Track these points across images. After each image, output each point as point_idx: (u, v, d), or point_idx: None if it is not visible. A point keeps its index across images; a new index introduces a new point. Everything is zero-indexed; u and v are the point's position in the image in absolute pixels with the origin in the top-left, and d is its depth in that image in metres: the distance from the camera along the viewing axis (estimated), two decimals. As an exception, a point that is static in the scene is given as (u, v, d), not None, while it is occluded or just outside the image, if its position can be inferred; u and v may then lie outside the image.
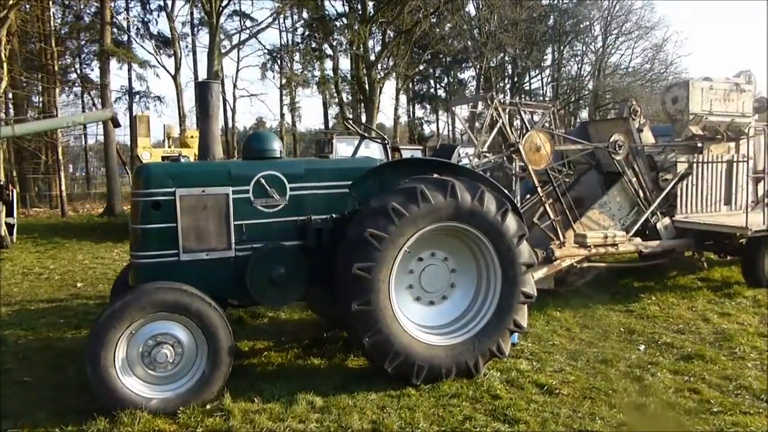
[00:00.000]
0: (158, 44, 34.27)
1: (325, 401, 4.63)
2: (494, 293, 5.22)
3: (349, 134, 29.01)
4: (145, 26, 34.72)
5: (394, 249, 4.83)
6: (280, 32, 34.73)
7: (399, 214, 4.78)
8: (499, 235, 5.11)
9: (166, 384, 4.52)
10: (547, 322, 6.81)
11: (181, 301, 4.46)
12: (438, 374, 4.96)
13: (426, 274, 5.25)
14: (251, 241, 5.06)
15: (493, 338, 5.13)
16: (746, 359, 5.54)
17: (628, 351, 5.79)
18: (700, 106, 8.37)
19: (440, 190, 4.91)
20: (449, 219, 4.98)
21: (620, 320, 6.87)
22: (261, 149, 5.40)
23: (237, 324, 7.01)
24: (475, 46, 36.20)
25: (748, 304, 7.47)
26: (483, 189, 5.04)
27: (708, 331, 6.43)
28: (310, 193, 5.28)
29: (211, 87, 5.72)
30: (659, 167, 8.62)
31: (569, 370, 5.28)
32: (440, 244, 5.27)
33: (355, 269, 4.70)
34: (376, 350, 4.84)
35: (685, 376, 5.13)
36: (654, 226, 8.30)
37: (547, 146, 7.40)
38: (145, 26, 34.72)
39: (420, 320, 5.22)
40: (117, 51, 22.80)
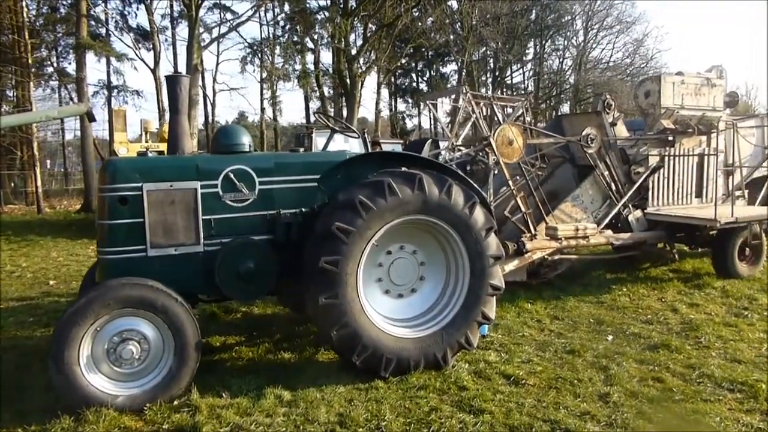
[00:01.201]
0: (137, 37, 33.94)
1: (293, 395, 4.64)
2: (462, 286, 5.25)
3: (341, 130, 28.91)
4: (124, 19, 34.35)
5: (362, 242, 4.85)
6: (260, 25, 34.42)
7: (366, 208, 4.79)
8: (466, 228, 5.14)
9: (133, 381, 4.49)
10: (518, 313, 6.88)
11: (146, 297, 4.43)
12: (406, 367, 4.99)
13: (395, 267, 5.27)
14: (220, 235, 5.04)
15: (462, 330, 5.17)
16: (711, 348, 5.64)
17: (596, 341, 5.87)
18: (671, 100, 8.47)
19: (408, 184, 4.93)
20: (417, 212, 5.00)
21: (590, 311, 6.95)
22: (229, 143, 5.37)
23: (210, 319, 7.01)
24: (457, 39, 36.23)
25: (717, 295, 7.60)
26: (450, 182, 5.06)
27: (676, 321, 6.53)
28: (280, 187, 5.26)
29: (180, 80, 5.65)
30: (631, 160, 8.71)
31: (537, 360, 5.34)
32: (409, 237, 5.29)
33: (322, 263, 4.71)
34: (344, 344, 4.86)
35: (650, 365, 5.21)
36: (626, 219, 8.39)
37: (519, 140, 7.45)
38: (124, 19, 34.35)
39: (389, 313, 5.24)
40: (93, 44, 22.47)
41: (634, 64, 40.39)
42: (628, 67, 40.71)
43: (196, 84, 25.91)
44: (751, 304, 7.13)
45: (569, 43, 42.89)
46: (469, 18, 33.72)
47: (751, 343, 5.79)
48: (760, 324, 6.38)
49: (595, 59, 41.82)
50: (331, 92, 39.48)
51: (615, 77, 39.12)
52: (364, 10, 31.81)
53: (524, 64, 43.11)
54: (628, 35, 40.96)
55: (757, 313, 6.79)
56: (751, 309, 6.93)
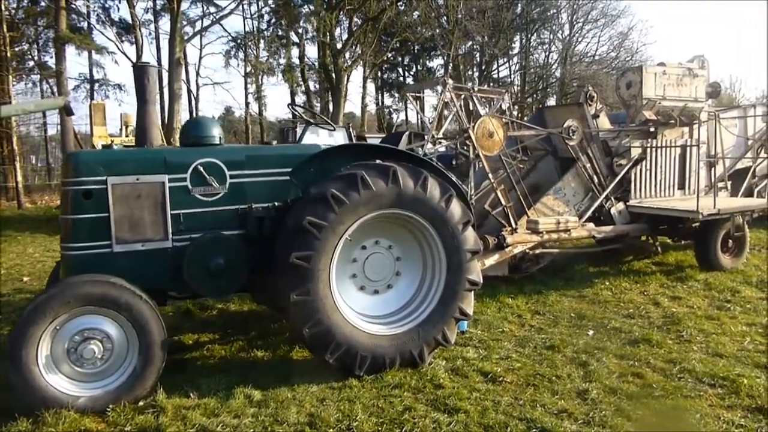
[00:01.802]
0: (119, 31, 33.49)
1: (264, 395, 4.49)
2: (439, 281, 5.13)
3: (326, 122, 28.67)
4: (106, 12, 33.88)
5: (335, 237, 4.70)
6: (244, 19, 34.02)
7: (339, 202, 4.64)
8: (443, 222, 5.01)
9: (95, 381, 4.31)
10: (498, 308, 6.76)
11: (108, 294, 4.26)
12: (382, 364, 4.86)
13: (370, 262, 5.13)
14: (189, 230, 4.88)
15: (438, 327, 5.04)
16: (692, 342, 5.56)
17: (577, 336, 5.77)
18: (653, 91, 8.38)
19: (382, 177, 4.78)
20: (391, 206, 4.86)
21: (572, 306, 6.86)
22: (199, 135, 5.20)
23: (184, 316, 6.85)
24: (443, 33, 36.06)
25: (700, 288, 7.53)
26: (426, 175, 4.92)
27: (657, 315, 6.45)
28: (252, 180, 5.11)
29: (148, 71, 5.46)
30: (614, 152, 8.61)
31: (515, 357, 5.23)
32: (384, 231, 5.15)
33: (293, 258, 4.56)
34: (317, 341, 4.72)
35: (630, 360, 5.11)
36: (608, 212, 8.30)
37: (499, 132, 7.32)
38: (106, 12, 33.88)
39: (364, 309, 5.10)
40: (72, 37, 22.06)
41: (619, 58, 40.43)
42: (613, 60, 40.73)
43: (179, 78, 25.57)
44: (733, 297, 7.07)
45: (555, 36, 42.87)
46: (454, 12, 33.55)
47: (734, 336, 5.71)
48: (743, 317, 6.31)
49: (580, 53, 41.88)
50: (317, 87, 39.21)
51: (601, 71, 39.11)
52: (349, 3, 31.59)
53: (510, 58, 43.01)
54: (613, 29, 41.09)
55: (739, 305, 6.73)
56: (733, 301, 6.86)
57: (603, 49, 41.48)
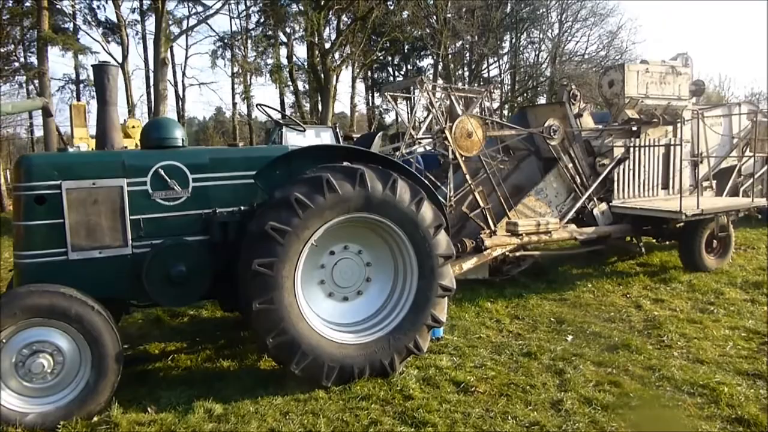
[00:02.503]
0: (105, 31, 33.13)
1: (225, 408, 4.29)
2: (410, 287, 4.95)
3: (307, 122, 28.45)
4: (92, 13, 33.51)
5: (299, 243, 4.51)
6: (230, 18, 33.71)
7: (303, 206, 4.45)
8: (413, 226, 4.83)
9: (46, 396, 4.11)
10: (477, 313, 6.58)
11: (57, 305, 4.05)
12: (350, 374, 4.67)
13: (338, 268, 4.94)
14: (150, 237, 4.70)
15: (410, 335, 4.86)
16: (673, 347, 5.40)
17: (555, 342, 5.59)
18: (635, 89, 8.22)
19: (348, 179, 4.60)
20: (359, 210, 4.67)
21: (552, 309, 6.68)
22: (160, 137, 5.00)
23: (154, 324, 6.64)
24: (433, 33, 35.87)
25: (683, 289, 7.39)
26: (395, 177, 4.73)
27: (639, 318, 6.29)
28: (216, 184, 4.94)
29: (108, 70, 5.26)
30: (597, 152, 8.45)
31: (490, 365, 5.05)
32: (354, 236, 4.96)
33: (255, 265, 4.37)
34: (281, 351, 4.52)
35: (608, 367, 4.94)
36: (591, 212, 8.15)
37: (478, 132, 7.15)
38: (92, 13, 33.51)
39: (333, 317, 4.92)
40: (55, 37, 21.74)
41: (608, 57, 40.35)
42: (603, 59, 40.65)
43: (165, 78, 25.31)
44: (717, 299, 6.92)
45: (545, 35, 42.78)
46: (443, 11, 33.38)
47: (716, 341, 5.56)
48: (726, 320, 6.16)
49: (570, 52, 41.80)
50: (307, 87, 38.94)
51: (590, 70, 39.03)
52: (338, 3, 31.38)
53: (500, 57, 42.86)
54: (602, 27, 41.05)
55: (723, 308, 6.58)
56: (717, 304, 6.71)
57: (592, 48, 41.50)
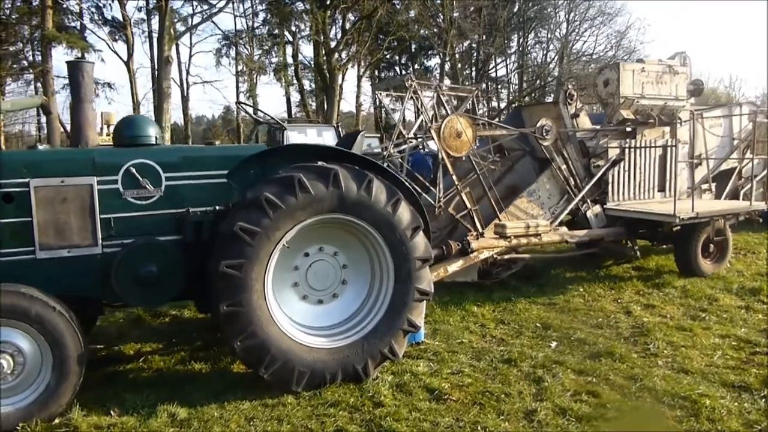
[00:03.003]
0: (113, 30, 33.23)
1: (190, 412, 4.19)
2: (387, 291, 4.82)
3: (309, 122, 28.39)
4: (99, 11, 33.64)
5: (270, 244, 4.39)
6: (234, 17, 33.73)
7: (274, 206, 4.34)
8: (390, 228, 4.70)
9: (5, 398, 4.00)
10: (462, 317, 6.44)
11: (17, 306, 3.96)
12: (322, 379, 4.56)
13: (313, 270, 4.83)
14: (121, 236, 4.62)
15: (385, 339, 4.73)
16: (658, 356, 5.23)
17: (538, 348, 5.45)
18: (631, 88, 8.04)
19: (321, 179, 4.47)
20: (332, 211, 4.55)
21: (539, 314, 6.53)
22: (132, 135, 4.92)
23: (134, 324, 6.55)
24: (439, 32, 35.70)
25: (676, 295, 7.20)
26: (371, 177, 4.61)
27: (627, 325, 6.12)
28: (189, 183, 4.85)
29: (82, 67, 5.15)
30: (591, 153, 8.29)
31: (468, 371, 4.91)
32: (329, 237, 4.84)
33: (223, 267, 4.26)
34: (250, 355, 4.41)
35: (588, 376, 4.79)
36: (584, 215, 7.98)
37: (468, 132, 7.00)
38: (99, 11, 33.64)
39: (306, 320, 4.80)
40: (58, 35, 21.79)
41: (617, 57, 39.98)
42: (611, 59, 40.29)
43: (168, 77, 25.29)
44: (710, 305, 6.74)
45: (552, 35, 42.49)
46: (449, 10, 33.18)
47: (704, 350, 5.38)
48: (717, 327, 5.98)
49: (578, 51, 41.47)
50: (313, 86, 38.88)
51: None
52: (343, 2, 31.29)
53: (507, 57, 42.61)
54: (610, 27, 40.69)
55: (715, 315, 6.40)
56: (709, 311, 6.53)
57: (600, 47, 41.15)
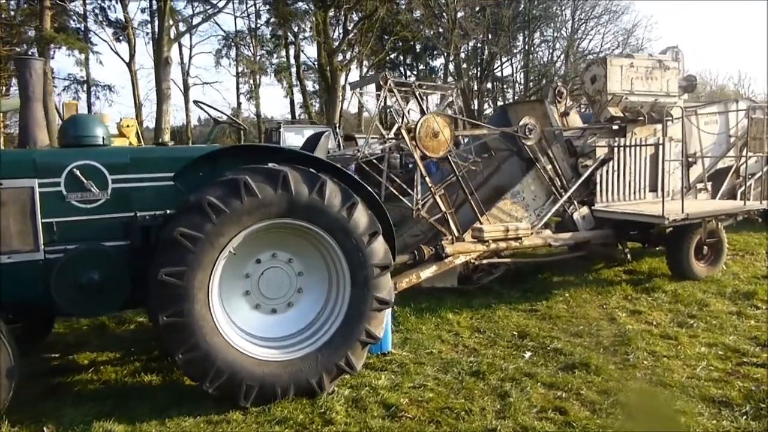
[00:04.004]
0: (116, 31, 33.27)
1: (127, 429, 3.95)
2: (343, 300, 4.55)
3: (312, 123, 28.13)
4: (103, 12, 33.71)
5: (213, 251, 4.13)
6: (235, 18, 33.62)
7: (217, 211, 4.07)
8: (345, 233, 4.42)
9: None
10: (436, 325, 6.14)
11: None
12: (273, 394, 4.29)
13: (266, 278, 4.56)
14: (65, 241, 4.36)
15: (341, 352, 4.46)
16: (637, 367, 4.92)
17: (511, 359, 5.14)
18: (619, 85, 7.72)
19: (270, 182, 4.21)
20: (282, 215, 4.28)
21: (519, 322, 6.22)
22: (78, 135, 4.67)
23: (96, 331, 6.32)
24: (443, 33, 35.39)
25: (666, 300, 6.87)
26: (324, 180, 4.33)
27: (609, 333, 5.80)
28: (137, 185, 4.58)
29: (30, 64, 4.91)
30: (579, 152, 7.97)
31: (431, 385, 4.61)
32: (283, 243, 4.58)
33: (162, 275, 4.00)
34: (194, 368, 4.15)
35: (559, 390, 4.48)
36: (570, 217, 7.67)
37: (445, 131, 6.71)
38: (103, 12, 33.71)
39: (259, 331, 4.53)
40: (56, 36, 21.71)
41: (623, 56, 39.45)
42: (618, 58, 39.75)
43: (167, 78, 25.18)
44: (700, 311, 6.41)
45: (559, 33, 42.06)
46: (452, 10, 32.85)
47: (687, 360, 5.06)
48: (705, 335, 5.65)
49: (584, 50, 41.01)
50: (317, 86, 38.71)
51: (604, 68, 38.11)
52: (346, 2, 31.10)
53: (512, 56, 42.21)
54: (616, 25, 40.24)
55: (704, 321, 6.06)
56: (698, 317, 6.19)
57: (607, 46, 40.66)
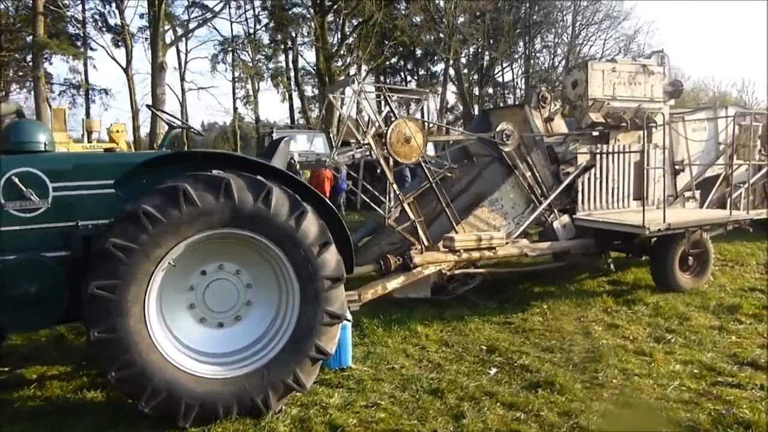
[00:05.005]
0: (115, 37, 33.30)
1: (54, 453, 3.73)
2: (292, 314, 4.32)
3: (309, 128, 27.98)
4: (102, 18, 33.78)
5: (149, 263, 3.92)
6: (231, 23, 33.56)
7: (153, 220, 3.86)
8: (293, 244, 4.20)
9: None
10: (404, 338, 5.90)
11: None
12: (214, 413, 4.06)
13: (212, 290, 4.34)
14: (3, 252, 4.17)
15: (289, 369, 4.22)
16: (605, 386, 4.66)
17: (474, 376, 4.90)
18: (601, 90, 7.48)
19: (211, 190, 4.00)
20: (225, 225, 4.07)
21: (490, 335, 5.97)
22: (18, 141, 4.48)
23: (55, 343, 6.11)
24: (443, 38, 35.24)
25: (646, 313, 6.61)
26: (270, 188, 4.11)
27: (581, 348, 5.54)
28: (80, 193, 4.39)
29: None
30: (561, 159, 7.74)
31: (385, 404, 4.38)
32: (230, 254, 4.36)
33: (93, 288, 3.79)
34: (129, 386, 3.94)
35: (519, 411, 4.23)
36: (550, 225, 7.43)
37: (418, 137, 6.49)
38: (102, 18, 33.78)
39: (204, 347, 4.31)
40: (49, 42, 21.63)
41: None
42: (620, 64, 39.52)
43: (162, 83, 25.09)
44: (680, 326, 6.14)
45: (560, 39, 41.90)
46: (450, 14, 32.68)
47: (659, 379, 4.80)
48: (681, 352, 5.40)
49: (585, 56, 40.77)
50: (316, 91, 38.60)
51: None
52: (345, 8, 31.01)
53: (513, 62, 42.06)
54: (618, 31, 40.10)
55: (682, 336, 5.81)
56: (677, 332, 5.93)
57: (608, 52, 40.44)
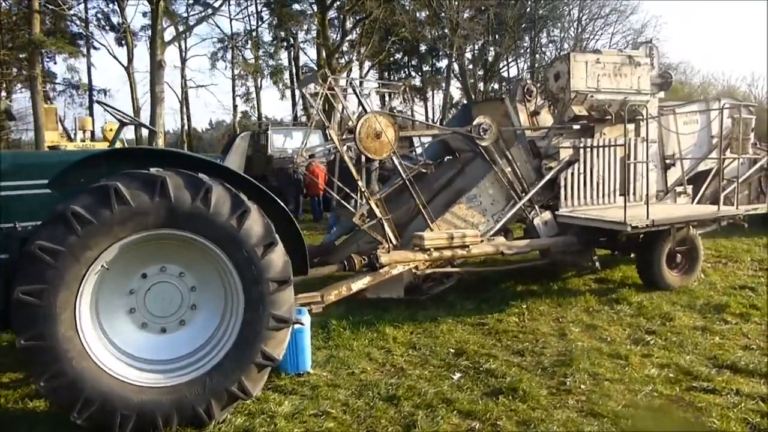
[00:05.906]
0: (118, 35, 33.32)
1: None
2: (236, 318, 4.12)
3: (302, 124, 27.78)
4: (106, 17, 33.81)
5: (79, 266, 3.72)
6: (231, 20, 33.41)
7: (82, 221, 3.67)
8: (235, 245, 3.99)
9: None
10: (370, 340, 5.67)
11: None
12: (152, 424, 3.86)
13: (153, 294, 4.14)
14: (-63, 256, 4.00)
15: (233, 376, 4.02)
16: (572, 393, 4.42)
17: (436, 382, 4.67)
18: (584, 82, 7.19)
19: (145, 189, 3.79)
20: (162, 225, 3.87)
21: (461, 337, 5.73)
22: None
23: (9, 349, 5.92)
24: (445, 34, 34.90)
25: (629, 313, 6.35)
26: (209, 186, 3.91)
27: (554, 351, 5.30)
28: (18, 193, 4.22)
29: None
30: (543, 154, 7.47)
31: (336, 412, 4.16)
32: (173, 255, 4.16)
33: (19, 294, 3.60)
34: (60, 397, 3.74)
35: (475, 420, 4.00)
36: (531, 222, 7.17)
37: (389, 132, 6.26)
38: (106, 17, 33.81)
39: (144, 353, 4.11)
40: (45, 40, 21.55)
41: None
42: (627, 57, 38.95)
43: (161, 81, 24.94)
44: (662, 326, 5.88)
45: (566, 34, 41.39)
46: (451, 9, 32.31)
47: (631, 384, 4.55)
48: (660, 354, 5.14)
49: (592, 50, 40.24)
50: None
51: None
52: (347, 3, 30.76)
53: (518, 57, 41.60)
54: (625, 25, 39.61)
55: (662, 337, 5.54)
56: (658, 333, 5.66)
57: (615, 46, 39.86)
